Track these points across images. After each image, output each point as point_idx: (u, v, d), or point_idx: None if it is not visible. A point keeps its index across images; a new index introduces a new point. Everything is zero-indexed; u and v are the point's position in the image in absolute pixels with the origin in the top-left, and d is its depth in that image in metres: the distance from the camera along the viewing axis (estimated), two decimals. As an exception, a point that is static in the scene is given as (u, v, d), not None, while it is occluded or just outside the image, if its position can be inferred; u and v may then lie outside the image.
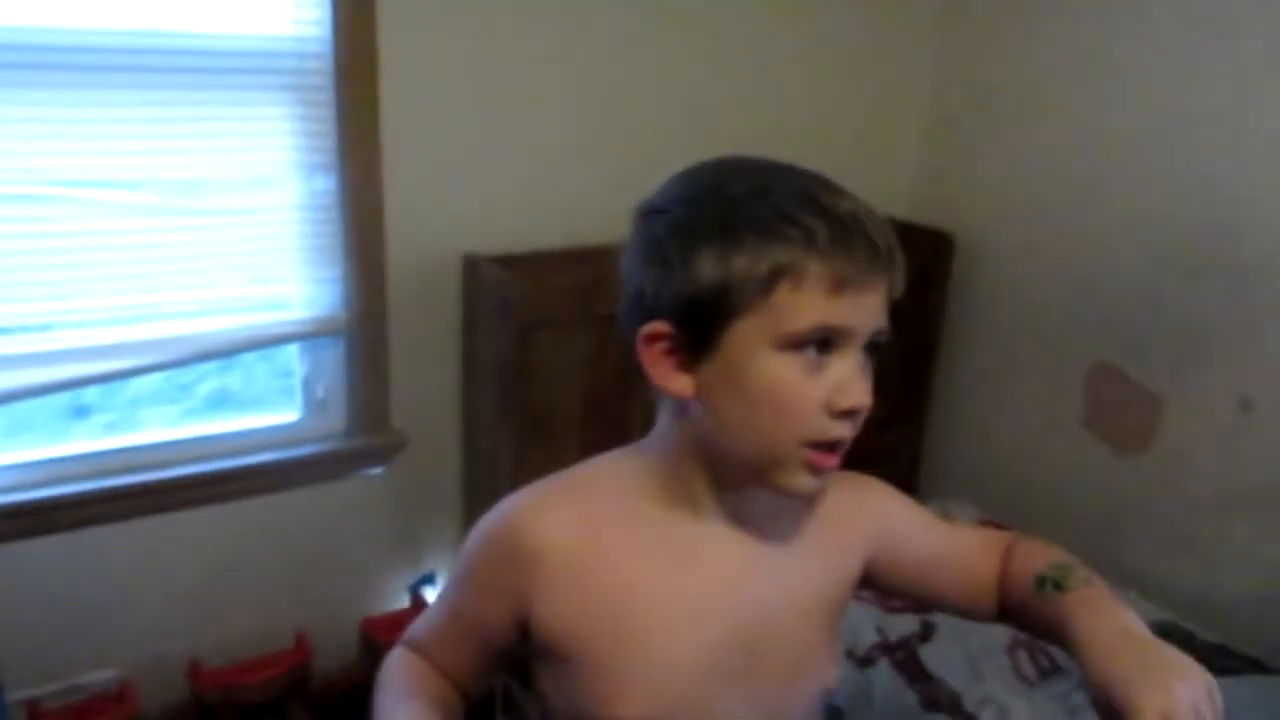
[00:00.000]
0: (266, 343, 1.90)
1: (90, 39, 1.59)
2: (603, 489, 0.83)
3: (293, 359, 1.99)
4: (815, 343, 0.72)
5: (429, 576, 2.17)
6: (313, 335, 1.93)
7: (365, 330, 1.95)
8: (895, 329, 0.76)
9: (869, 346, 0.75)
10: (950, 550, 0.92)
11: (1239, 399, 1.91)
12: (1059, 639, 0.80)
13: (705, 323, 0.73)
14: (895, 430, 2.45)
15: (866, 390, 0.74)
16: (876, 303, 0.74)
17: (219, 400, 2.00)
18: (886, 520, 0.91)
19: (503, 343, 1.92)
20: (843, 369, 0.73)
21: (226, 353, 1.86)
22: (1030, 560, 0.86)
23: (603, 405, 1.97)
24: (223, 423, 1.95)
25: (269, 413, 1.99)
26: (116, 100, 1.64)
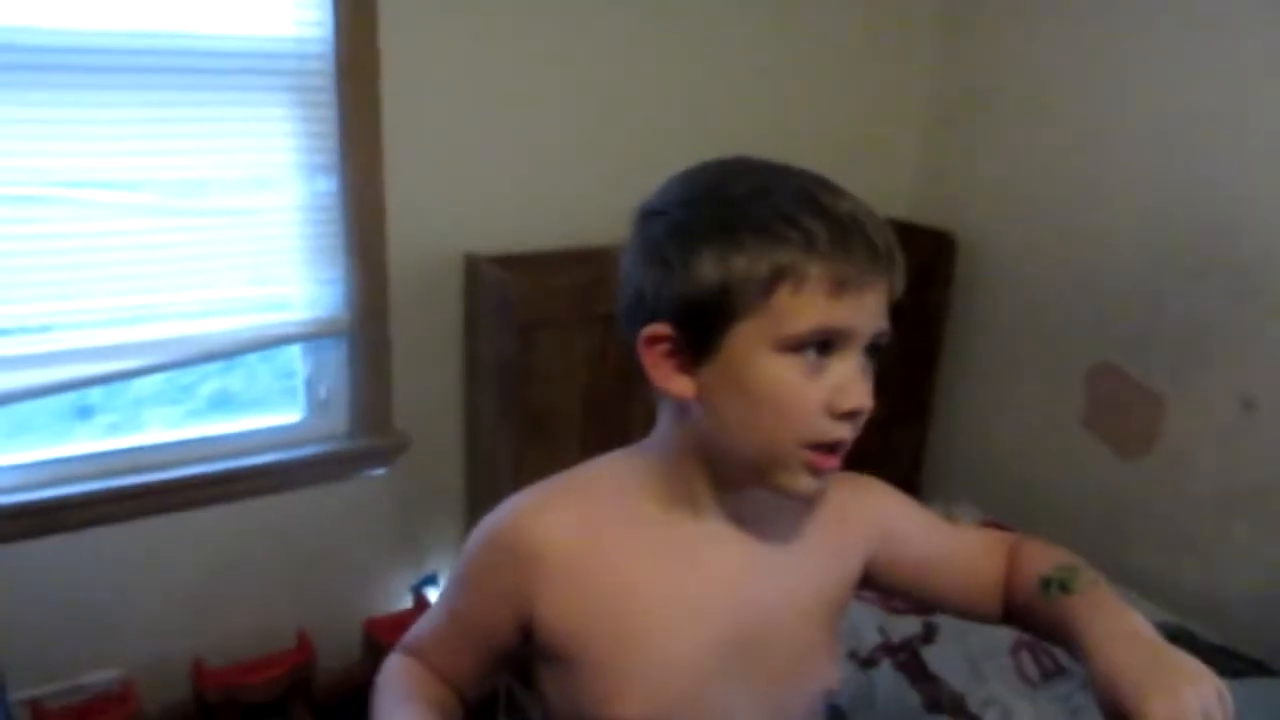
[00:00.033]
0: (268, 343, 1.90)
1: (91, 39, 1.60)
2: (603, 490, 0.83)
3: (295, 360, 1.99)
4: (816, 344, 0.72)
5: (431, 577, 2.17)
6: (314, 336, 1.93)
7: (367, 331, 1.95)
8: (896, 329, 0.76)
9: (870, 348, 0.75)
10: (952, 551, 0.92)
11: (1240, 399, 1.91)
12: (1065, 641, 0.80)
13: (706, 324, 0.73)
14: (896, 430, 2.45)
15: (867, 392, 0.74)
16: (877, 304, 0.74)
17: (221, 401, 2.00)
18: (887, 520, 0.91)
19: (503, 343, 1.92)
20: (843, 371, 0.73)
21: (229, 353, 1.86)
22: (1035, 562, 0.86)
23: (603, 405, 1.97)
24: (225, 423, 1.95)
25: (271, 413, 1.99)
26: (118, 101, 1.64)
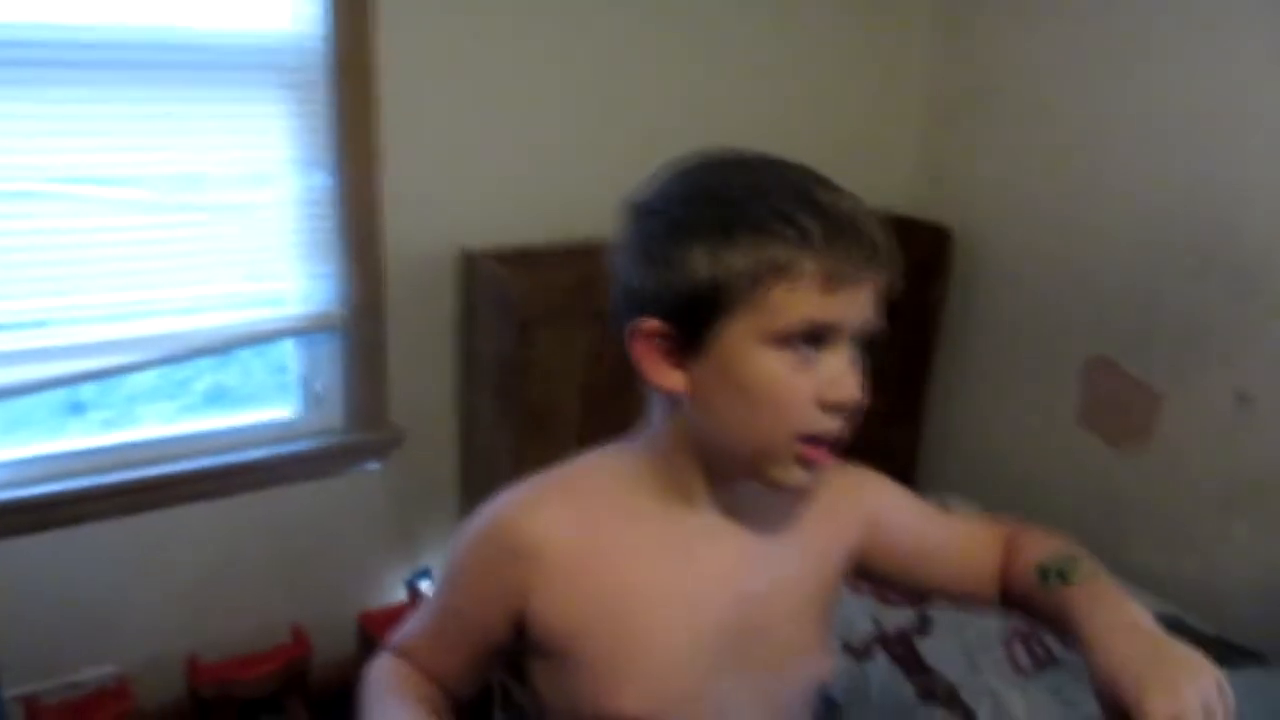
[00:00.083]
0: (263, 338, 1.90)
1: (86, 35, 1.59)
2: (597, 485, 0.83)
3: (289, 355, 1.99)
4: (806, 338, 0.72)
5: (426, 571, 2.17)
6: (309, 331, 1.93)
7: (362, 326, 1.95)
8: (893, 325, 0.76)
9: (861, 341, 0.75)
10: (947, 540, 0.92)
11: (1236, 394, 1.91)
12: (1063, 631, 0.80)
13: (698, 320, 0.73)
14: (893, 426, 2.45)
15: (858, 384, 0.74)
16: (869, 299, 0.73)
17: (216, 396, 2.00)
18: (879, 510, 0.91)
19: (501, 338, 1.91)
20: (834, 364, 0.73)
21: (223, 348, 1.86)
22: (1034, 551, 0.86)
23: (601, 401, 1.97)
24: (220, 419, 1.95)
25: (266, 408, 1.99)
26: (113, 96, 1.64)
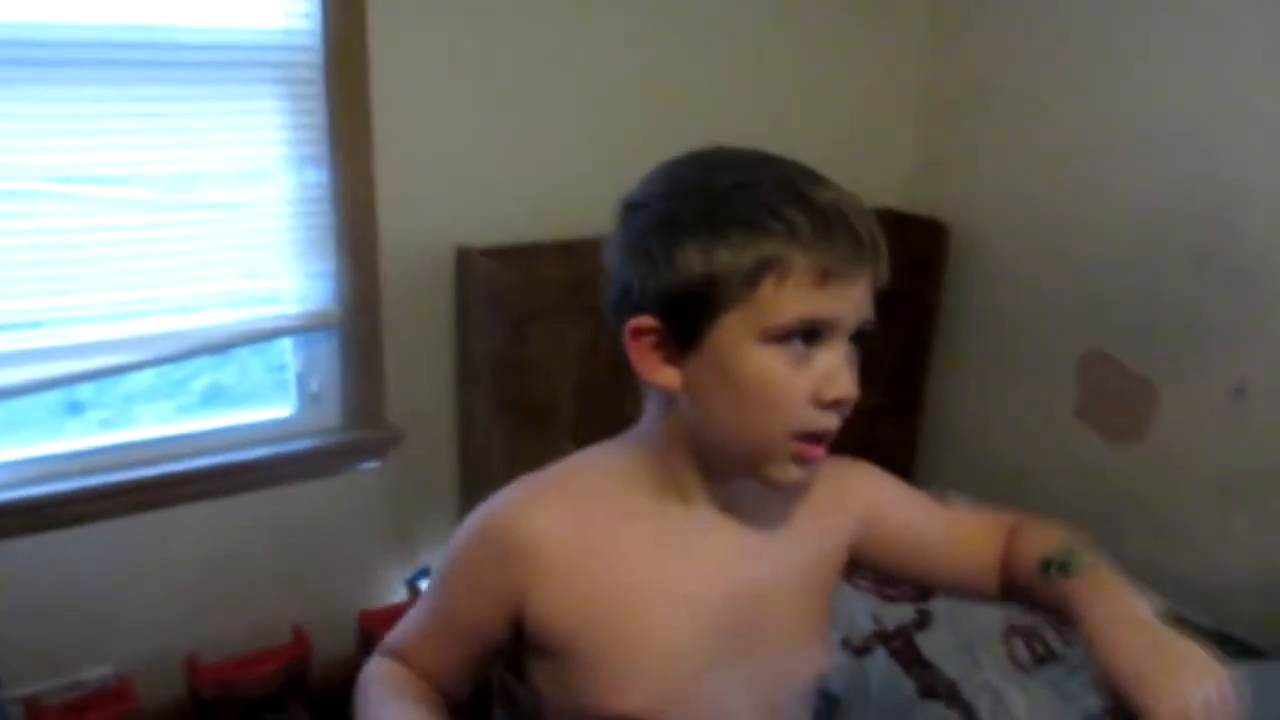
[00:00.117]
0: (260, 337, 1.89)
1: (79, 33, 1.59)
2: (593, 482, 0.83)
3: (286, 353, 1.98)
4: (801, 335, 0.72)
5: (426, 570, 2.17)
6: (306, 329, 1.93)
7: (358, 324, 1.94)
8: (890, 320, 0.76)
9: (855, 336, 0.75)
10: (946, 532, 0.92)
11: (1233, 388, 1.91)
12: (1065, 623, 0.80)
13: (691, 317, 0.73)
14: (890, 421, 2.45)
15: (853, 381, 0.74)
16: (862, 293, 0.73)
17: (213, 395, 2.00)
18: (875, 503, 0.91)
19: (496, 335, 1.91)
20: (829, 360, 0.73)
21: (220, 347, 1.86)
22: (1035, 543, 0.86)
23: (597, 398, 1.97)
24: (217, 418, 1.94)
25: (263, 408, 1.99)
26: (106, 95, 1.63)
